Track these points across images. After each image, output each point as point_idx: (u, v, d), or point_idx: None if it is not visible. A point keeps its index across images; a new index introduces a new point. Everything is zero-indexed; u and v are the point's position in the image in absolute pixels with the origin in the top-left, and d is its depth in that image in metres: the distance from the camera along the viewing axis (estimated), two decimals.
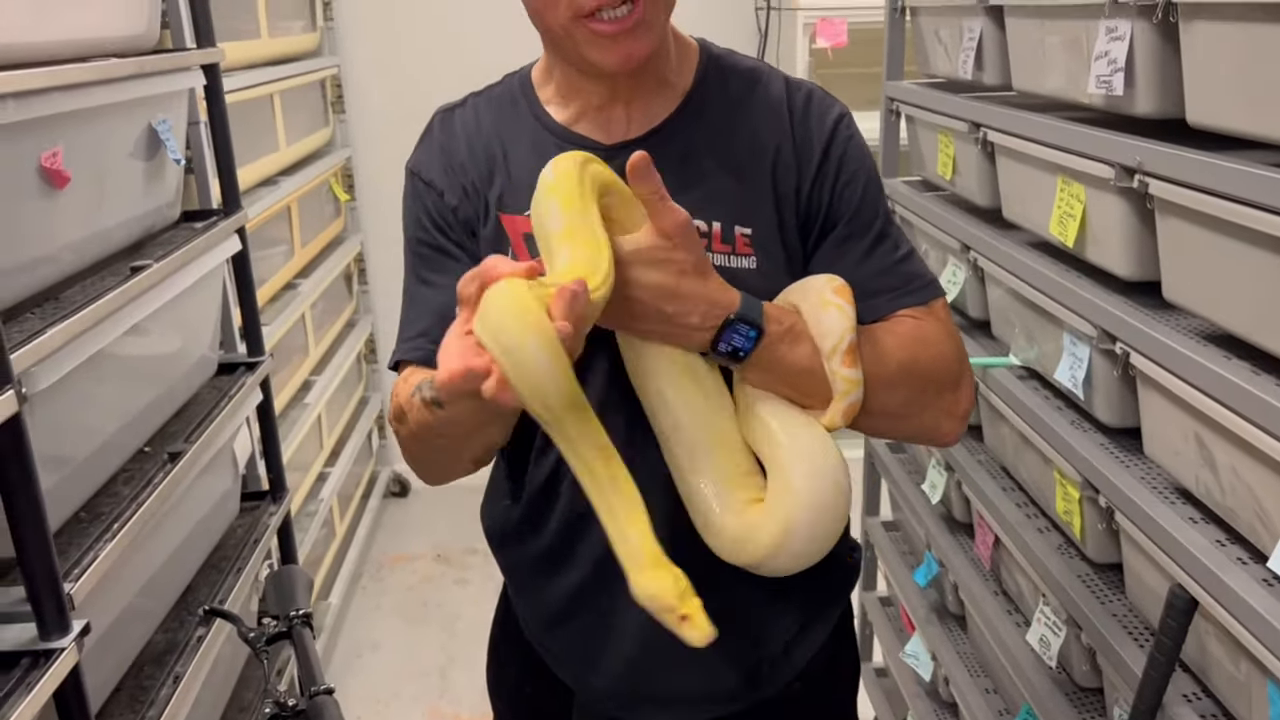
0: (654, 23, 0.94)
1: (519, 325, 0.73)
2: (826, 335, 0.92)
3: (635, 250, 0.86)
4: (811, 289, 0.95)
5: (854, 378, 0.91)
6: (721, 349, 0.90)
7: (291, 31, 2.90)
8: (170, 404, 1.75)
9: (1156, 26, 1.15)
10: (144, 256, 1.61)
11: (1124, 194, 1.22)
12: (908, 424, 1.01)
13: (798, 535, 0.88)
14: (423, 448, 0.99)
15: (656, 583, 0.78)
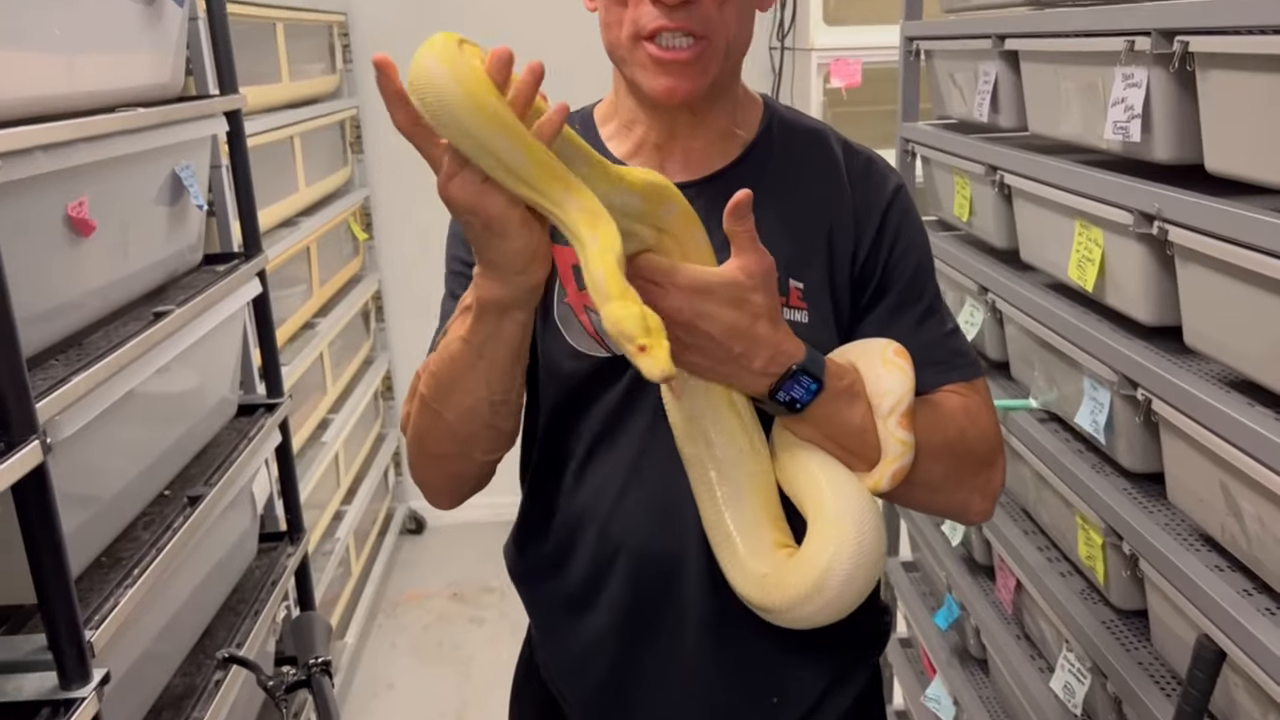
0: (708, 66, 0.95)
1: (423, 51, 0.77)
2: (886, 395, 0.91)
3: (716, 284, 0.85)
4: (872, 349, 0.95)
5: (908, 440, 0.91)
6: (780, 398, 0.89)
7: (311, 74, 2.94)
8: (190, 446, 1.76)
9: (1174, 75, 1.16)
10: (166, 301, 1.62)
11: (1143, 240, 1.22)
12: (943, 498, 1.01)
13: (830, 588, 0.88)
14: (419, 418, 0.97)
15: (623, 309, 0.76)
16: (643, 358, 0.75)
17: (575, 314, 1.02)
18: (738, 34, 0.97)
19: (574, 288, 1.02)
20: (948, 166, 1.89)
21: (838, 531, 0.87)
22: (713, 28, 0.93)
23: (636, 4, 0.93)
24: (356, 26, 3.30)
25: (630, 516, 1.01)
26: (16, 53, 1.26)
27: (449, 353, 0.91)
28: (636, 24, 0.93)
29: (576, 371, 1.02)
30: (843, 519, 0.88)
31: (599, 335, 1.01)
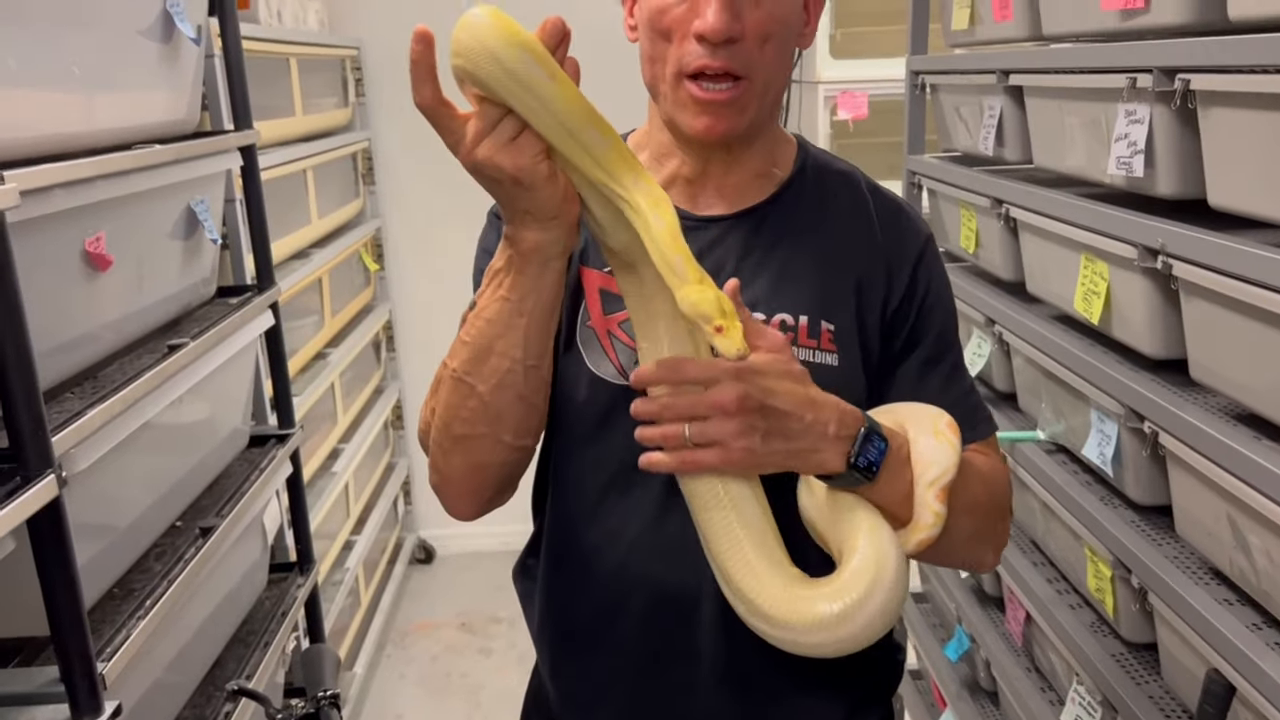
0: (747, 106, 0.96)
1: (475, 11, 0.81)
2: (932, 465, 0.91)
3: (763, 361, 0.85)
4: (924, 416, 0.96)
5: (942, 514, 0.91)
6: (860, 463, 0.87)
7: (324, 108, 2.98)
8: (202, 477, 1.77)
9: (1175, 111, 1.17)
10: (181, 334, 1.64)
11: (1148, 274, 1.23)
12: (961, 555, 1.04)
13: (858, 620, 0.86)
14: (447, 397, 0.96)
15: (699, 293, 0.79)
16: (720, 338, 0.78)
17: (598, 338, 1.02)
18: (776, 73, 0.98)
19: (599, 311, 1.03)
20: (954, 199, 1.91)
21: (876, 566, 0.87)
22: (754, 68, 0.95)
23: (681, 41, 0.95)
24: (369, 60, 3.34)
25: (648, 554, 1.01)
26: (37, 92, 1.28)
27: (485, 317, 0.92)
28: (680, 61, 0.95)
29: (595, 398, 1.02)
30: (882, 556, 0.88)
31: (619, 361, 1.02)
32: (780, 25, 0.96)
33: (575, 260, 1.04)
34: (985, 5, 1.74)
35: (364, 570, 3.08)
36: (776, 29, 0.96)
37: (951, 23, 1.90)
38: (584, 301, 1.03)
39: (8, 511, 1.03)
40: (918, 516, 0.91)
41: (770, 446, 0.84)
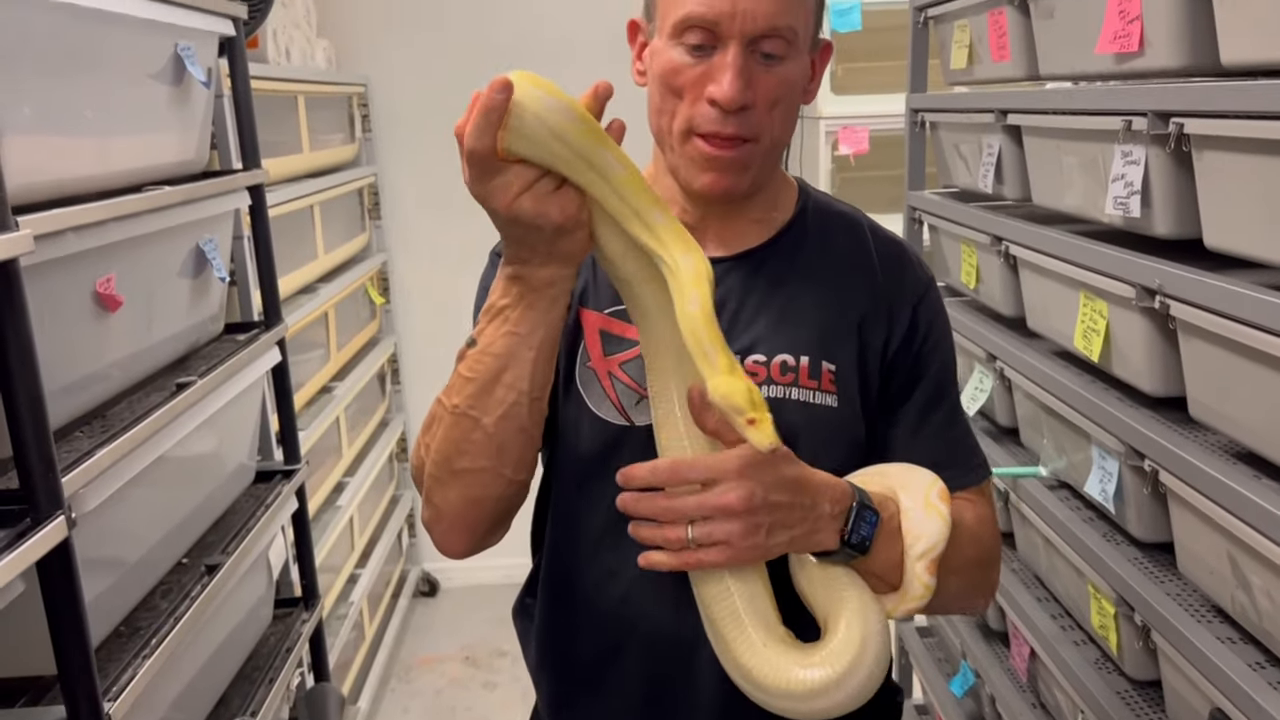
0: (749, 167, 0.99)
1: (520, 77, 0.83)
2: (922, 538, 0.93)
3: (760, 456, 0.86)
4: (916, 485, 0.96)
5: (931, 586, 0.93)
6: (853, 540, 0.89)
7: (331, 144, 3.01)
8: (209, 514, 1.78)
9: (1171, 154, 1.19)
10: (189, 371, 1.66)
11: (1146, 313, 1.24)
12: (951, 607, 1.05)
13: (852, 685, 0.89)
14: (446, 433, 0.96)
15: (730, 384, 0.81)
16: (753, 430, 0.81)
17: (598, 378, 1.04)
18: (782, 134, 1.01)
19: (599, 352, 1.04)
20: (954, 235, 1.92)
21: (862, 632, 0.89)
22: (762, 131, 0.98)
23: (694, 102, 0.96)
24: (375, 96, 3.38)
25: (646, 595, 1.02)
26: (51, 137, 1.31)
27: (492, 352, 0.93)
28: (691, 121, 0.97)
29: (594, 437, 1.04)
30: (869, 622, 0.90)
31: (620, 402, 1.03)
32: (788, 89, 0.99)
33: (574, 302, 1.06)
34: (983, 45, 1.77)
35: (368, 604, 3.07)
36: (785, 93, 0.98)
37: (950, 62, 1.92)
38: (583, 342, 1.05)
39: (18, 554, 1.04)
40: (907, 585, 0.93)
41: (774, 540, 0.87)
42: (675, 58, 0.97)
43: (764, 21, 0.93)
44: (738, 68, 0.94)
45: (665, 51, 0.98)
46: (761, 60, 0.95)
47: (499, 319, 0.93)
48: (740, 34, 0.94)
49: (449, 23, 3.34)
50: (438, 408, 0.98)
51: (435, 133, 3.39)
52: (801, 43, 0.98)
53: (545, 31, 3.32)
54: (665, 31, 0.98)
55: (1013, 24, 1.63)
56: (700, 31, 0.95)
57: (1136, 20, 1.24)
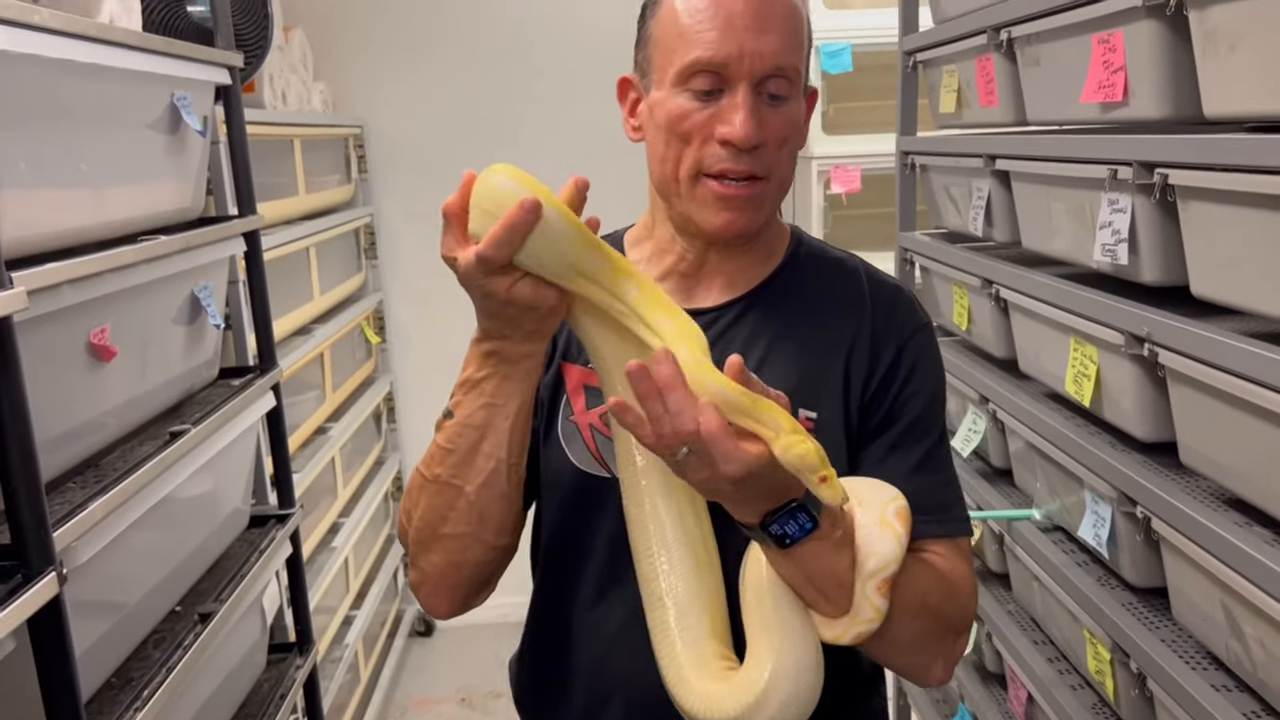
0: (763, 206, 1.00)
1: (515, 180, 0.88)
2: (872, 556, 0.89)
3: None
4: (872, 502, 0.93)
5: (881, 609, 0.89)
6: (773, 530, 0.85)
7: (328, 186, 3.03)
8: (202, 561, 1.78)
9: (1156, 203, 1.20)
10: (183, 418, 1.66)
11: (1136, 359, 1.25)
12: (905, 660, 1.00)
13: (768, 709, 0.88)
14: (429, 501, 0.98)
15: (802, 444, 0.80)
16: (824, 488, 0.81)
17: (580, 431, 1.04)
18: (789, 173, 1.03)
19: (581, 405, 1.05)
20: (946, 277, 1.93)
21: (773, 666, 0.88)
22: (772, 169, 0.99)
23: (702, 145, 0.97)
24: (371, 138, 3.41)
25: (628, 652, 1.02)
26: (47, 191, 1.32)
27: (471, 424, 0.95)
28: (701, 163, 0.98)
29: (578, 491, 1.05)
30: (784, 654, 0.89)
31: (600, 455, 1.03)
32: (794, 129, 1.01)
33: (556, 356, 1.07)
34: (971, 90, 1.79)
35: (363, 645, 3.05)
36: (791, 133, 1.00)
37: (939, 105, 1.94)
38: (565, 396, 1.05)
39: (9, 612, 1.04)
40: (857, 607, 0.89)
41: (678, 456, 0.81)
42: (682, 104, 0.98)
43: (770, 61, 0.96)
44: (749, 107, 0.95)
45: (669, 100, 0.99)
46: (768, 101, 0.97)
47: (475, 391, 0.95)
48: (749, 75, 0.96)
49: (444, 64, 3.37)
50: (418, 477, 1.00)
51: (431, 172, 3.41)
52: (802, 81, 1.01)
53: (540, 74, 3.36)
54: (668, 81, 0.99)
55: (1000, 70, 1.65)
56: (708, 76, 0.96)
57: (1120, 71, 1.25)
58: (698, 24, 0.96)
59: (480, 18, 3.36)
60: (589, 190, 0.88)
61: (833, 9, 2.87)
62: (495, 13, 3.35)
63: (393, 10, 3.35)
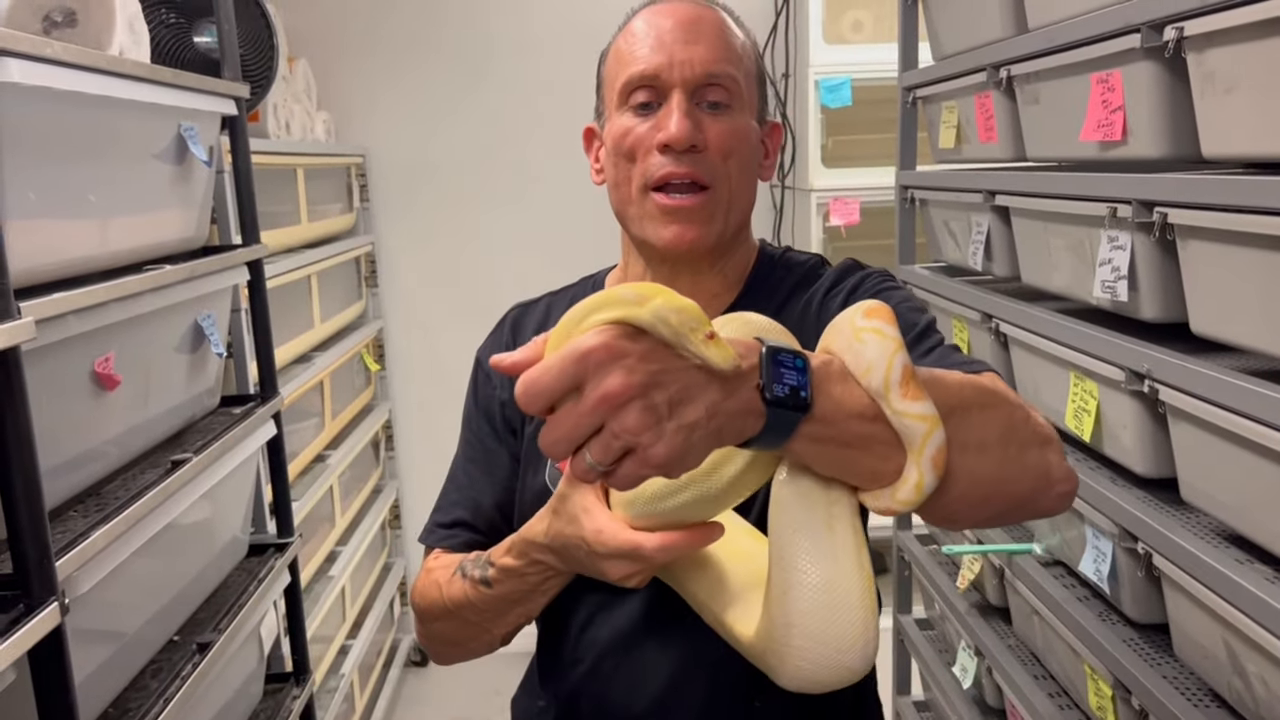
0: (712, 219, 1.00)
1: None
2: (870, 369, 0.70)
3: (610, 332, 0.64)
4: (839, 326, 0.75)
5: (925, 411, 0.68)
6: (779, 391, 0.65)
7: (329, 214, 3.04)
8: (201, 590, 1.77)
9: (1156, 241, 1.21)
10: (185, 446, 1.66)
11: (1136, 396, 1.26)
12: (1013, 461, 0.75)
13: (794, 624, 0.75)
14: (453, 625, 1.01)
15: (670, 301, 0.65)
16: (712, 347, 0.64)
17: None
18: (739, 188, 1.02)
19: None
20: (946, 310, 1.95)
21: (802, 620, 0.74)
22: (717, 178, 1.00)
23: (645, 156, 1.00)
24: (373, 166, 3.43)
25: (625, 696, 1.02)
26: (53, 221, 1.33)
27: (507, 598, 0.95)
28: (645, 174, 1.00)
29: None
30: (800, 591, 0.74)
31: None
32: (740, 141, 1.01)
33: None
34: (971, 126, 1.81)
35: (359, 675, 3.03)
36: (737, 145, 1.01)
37: (939, 141, 1.96)
38: None
39: (11, 643, 1.03)
40: (906, 436, 0.69)
41: (683, 419, 0.63)
42: (624, 122, 1.01)
43: (701, 68, 0.99)
44: (683, 109, 0.98)
45: (615, 123, 1.02)
46: (707, 109, 1.00)
47: (519, 579, 0.94)
48: (681, 81, 0.99)
49: (446, 94, 3.40)
50: (440, 601, 1.01)
51: (431, 201, 3.44)
52: (746, 97, 1.02)
53: (542, 101, 3.38)
54: (613, 107, 1.03)
55: (999, 108, 1.66)
56: (645, 90, 1.00)
57: (1119, 110, 1.27)
58: (633, 47, 1.01)
59: (482, 47, 3.39)
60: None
61: (832, 44, 2.90)
62: (498, 42, 3.39)
63: (395, 40, 3.38)
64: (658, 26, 1.01)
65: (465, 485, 1.10)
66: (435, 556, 1.08)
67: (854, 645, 0.72)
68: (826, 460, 0.71)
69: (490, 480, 1.10)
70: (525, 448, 1.09)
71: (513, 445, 1.10)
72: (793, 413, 0.66)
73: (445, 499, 1.12)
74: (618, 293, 0.65)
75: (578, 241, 2.75)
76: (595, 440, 0.63)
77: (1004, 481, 0.75)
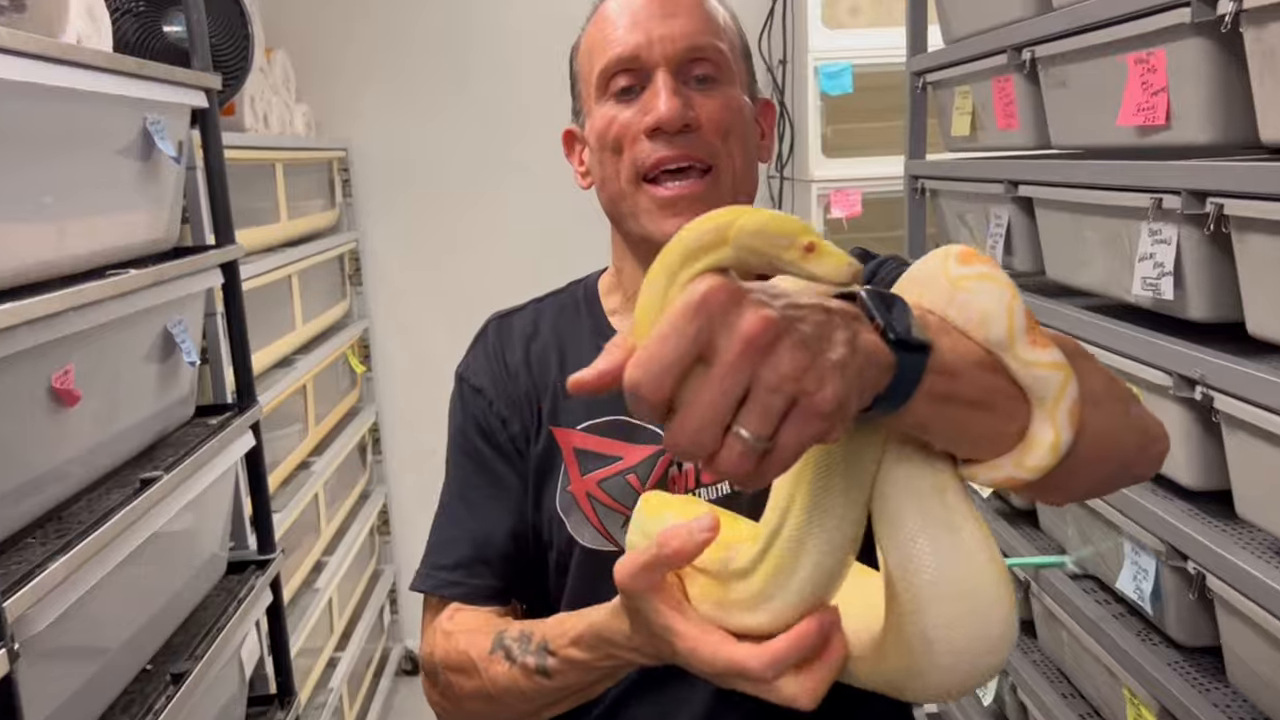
0: (719, 202, 0.89)
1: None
2: (986, 320, 0.60)
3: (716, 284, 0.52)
4: (928, 279, 0.63)
5: (1057, 359, 0.59)
6: (897, 328, 0.53)
7: (310, 210, 2.93)
8: (176, 614, 1.66)
9: (1208, 235, 1.11)
10: (155, 462, 1.55)
11: (1185, 403, 1.16)
12: (1120, 416, 0.67)
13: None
14: (493, 707, 0.87)
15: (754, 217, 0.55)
16: (816, 260, 0.54)
17: (578, 502, 0.94)
18: (744, 173, 0.93)
19: (577, 473, 0.95)
20: None
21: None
22: (718, 157, 0.91)
23: (633, 144, 0.91)
24: (356, 160, 3.31)
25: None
26: (8, 224, 1.22)
27: (566, 689, 0.81)
28: (635, 164, 0.90)
29: (581, 568, 0.95)
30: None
31: (604, 528, 0.94)
32: (737, 116, 0.92)
33: (544, 422, 0.97)
34: (987, 113, 1.71)
35: (348, 687, 2.93)
36: (734, 120, 0.92)
37: (951, 128, 1.86)
38: (562, 465, 0.95)
39: None
40: (1034, 389, 0.59)
41: (832, 353, 0.50)
42: (607, 112, 0.93)
43: (684, 42, 0.91)
44: (671, 87, 0.89)
45: (597, 116, 0.94)
46: (696, 85, 0.91)
47: (582, 670, 0.80)
48: (664, 58, 0.90)
49: (430, 85, 3.28)
50: (481, 680, 0.87)
51: (417, 197, 3.32)
52: (734, 69, 0.94)
53: (530, 93, 3.27)
54: (592, 100, 0.95)
55: (1020, 92, 1.57)
56: (625, 74, 0.92)
57: (1161, 93, 1.17)
58: (605, 33, 0.93)
59: (468, 37, 3.27)
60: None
61: (832, 29, 2.80)
62: (484, 32, 3.27)
63: (378, 30, 3.26)
64: (630, 6, 0.93)
65: (465, 517, 0.99)
66: (451, 615, 0.95)
67: (1000, 643, 0.62)
68: (946, 425, 0.59)
69: (500, 506, 0.98)
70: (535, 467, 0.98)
71: (520, 466, 0.99)
72: (918, 354, 0.54)
73: (441, 535, 1.00)
74: (686, 241, 0.54)
75: (570, 236, 2.64)
76: (748, 408, 0.49)
77: (1115, 438, 0.66)
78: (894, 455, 0.63)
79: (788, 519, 0.61)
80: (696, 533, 0.63)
